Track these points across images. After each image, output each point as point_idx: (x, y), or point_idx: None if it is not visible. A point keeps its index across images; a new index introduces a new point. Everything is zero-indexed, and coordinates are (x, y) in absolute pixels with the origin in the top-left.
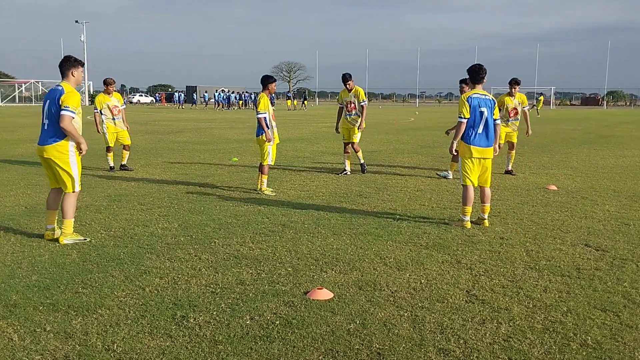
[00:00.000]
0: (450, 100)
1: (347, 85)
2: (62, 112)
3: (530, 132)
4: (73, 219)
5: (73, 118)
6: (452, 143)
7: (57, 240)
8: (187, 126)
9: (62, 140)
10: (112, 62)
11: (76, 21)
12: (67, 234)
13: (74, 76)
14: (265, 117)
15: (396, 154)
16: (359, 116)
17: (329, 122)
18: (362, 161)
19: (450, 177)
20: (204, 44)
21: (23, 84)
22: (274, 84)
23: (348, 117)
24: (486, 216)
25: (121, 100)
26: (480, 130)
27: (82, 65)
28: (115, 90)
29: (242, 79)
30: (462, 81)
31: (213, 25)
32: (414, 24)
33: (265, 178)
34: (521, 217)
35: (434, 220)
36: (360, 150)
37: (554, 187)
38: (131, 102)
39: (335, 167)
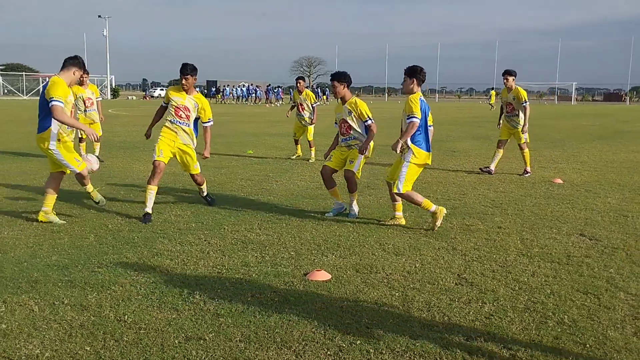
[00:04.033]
0: (470, 95)
1: (183, 82)
2: (52, 104)
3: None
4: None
5: (63, 107)
6: (398, 142)
7: (43, 221)
8: None
9: (46, 131)
10: (134, 56)
11: (99, 16)
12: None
13: (74, 75)
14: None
15: None
16: (193, 129)
17: None
18: (204, 193)
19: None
20: (224, 38)
21: (47, 78)
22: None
23: (174, 123)
24: (401, 212)
25: (97, 93)
26: (428, 134)
27: (86, 73)
28: (90, 82)
29: (262, 73)
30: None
31: (232, 19)
32: (434, 18)
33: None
34: (522, 208)
35: None
36: (204, 183)
37: (559, 181)
38: (152, 97)
39: None
